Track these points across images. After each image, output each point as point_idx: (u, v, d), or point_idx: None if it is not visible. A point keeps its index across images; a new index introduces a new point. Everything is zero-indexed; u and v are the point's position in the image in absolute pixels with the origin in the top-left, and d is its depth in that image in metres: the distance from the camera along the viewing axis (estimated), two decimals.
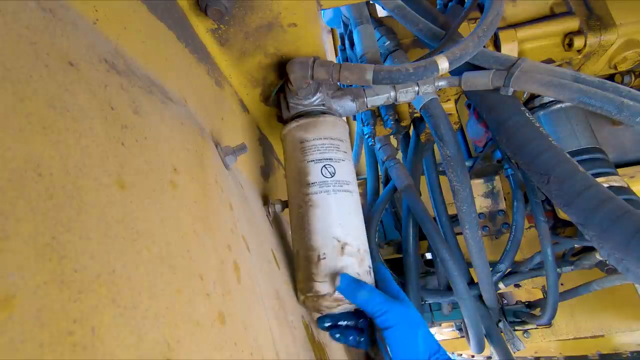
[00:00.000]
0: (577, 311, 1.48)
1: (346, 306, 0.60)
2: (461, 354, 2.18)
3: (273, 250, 0.66)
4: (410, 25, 0.81)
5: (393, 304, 0.55)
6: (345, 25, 1.04)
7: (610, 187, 0.85)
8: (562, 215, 1.13)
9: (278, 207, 0.70)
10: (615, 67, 0.99)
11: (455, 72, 0.72)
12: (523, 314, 1.38)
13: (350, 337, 0.63)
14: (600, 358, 1.58)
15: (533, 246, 1.27)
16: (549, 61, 0.94)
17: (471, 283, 1.11)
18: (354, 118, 1.25)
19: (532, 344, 1.61)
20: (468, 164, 1.32)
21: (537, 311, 1.36)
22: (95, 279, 0.25)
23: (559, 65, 0.95)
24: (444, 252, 0.96)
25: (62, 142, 0.26)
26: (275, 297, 0.56)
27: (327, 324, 0.65)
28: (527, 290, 1.56)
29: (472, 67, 0.72)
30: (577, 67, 0.99)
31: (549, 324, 1.48)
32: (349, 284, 0.57)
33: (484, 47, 0.69)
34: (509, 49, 0.91)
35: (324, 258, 0.59)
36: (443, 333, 2.04)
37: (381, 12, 0.98)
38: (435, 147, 1.13)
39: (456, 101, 0.97)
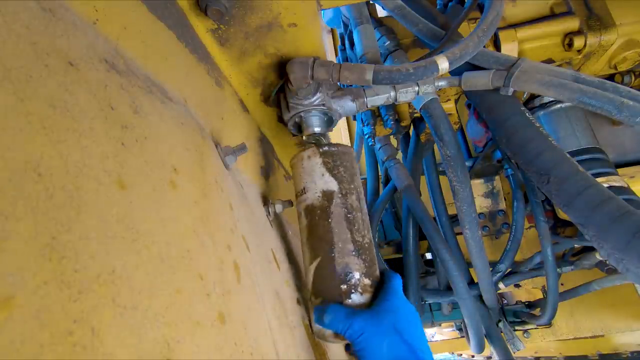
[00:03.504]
0: (577, 311, 1.48)
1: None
2: (461, 354, 2.18)
3: (273, 250, 0.66)
4: (410, 25, 0.81)
5: (356, 317, 0.53)
6: (345, 25, 1.04)
7: (610, 187, 0.85)
8: (562, 215, 1.13)
9: (279, 206, 0.70)
10: (615, 67, 0.99)
11: (455, 72, 0.72)
12: (523, 314, 1.38)
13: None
14: (600, 358, 1.58)
15: (533, 246, 1.27)
16: (549, 61, 0.95)
17: (471, 283, 1.11)
18: (354, 118, 1.26)
19: (532, 344, 1.61)
20: (468, 164, 1.32)
21: (537, 311, 1.36)
22: (95, 279, 0.25)
23: (559, 65, 0.95)
24: (444, 252, 0.96)
25: (62, 142, 0.26)
26: (275, 297, 0.56)
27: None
28: (527, 290, 1.56)
29: (472, 67, 0.72)
30: (577, 67, 0.99)
31: (549, 324, 1.48)
32: (316, 311, 0.56)
33: (484, 47, 0.69)
34: (509, 49, 0.91)
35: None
36: (443, 333, 2.04)
37: (381, 12, 0.98)
38: (435, 147, 1.13)
39: (456, 101, 0.97)
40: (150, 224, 0.32)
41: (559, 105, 1.03)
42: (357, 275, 0.57)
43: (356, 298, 0.56)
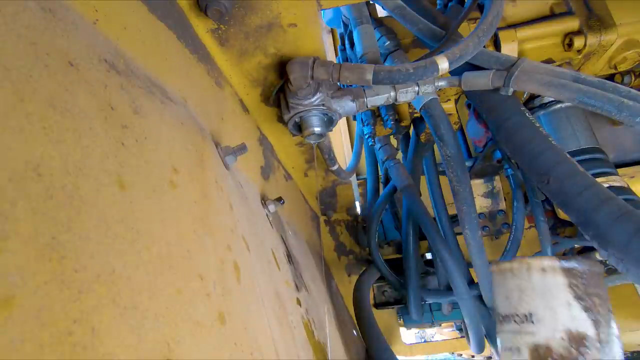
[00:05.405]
0: None
1: None
2: (461, 354, 2.18)
3: (273, 250, 0.66)
4: (410, 25, 0.81)
5: None
6: (345, 25, 1.04)
7: (610, 187, 0.85)
8: (562, 215, 1.13)
9: (272, 207, 0.70)
10: (615, 67, 0.99)
11: (455, 72, 0.72)
12: None
13: None
14: None
15: (533, 246, 1.27)
16: (549, 61, 0.94)
17: (471, 283, 1.11)
18: (354, 118, 1.25)
19: None
20: (468, 164, 1.32)
21: None
22: (95, 279, 0.25)
23: (559, 65, 0.95)
24: (444, 252, 0.96)
25: (62, 142, 0.26)
26: (275, 297, 0.56)
27: None
28: None
29: (472, 67, 0.72)
30: (577, 67, 0.99)
31: None
32: None
33: (484, 47, 0.69)
34: (509, 49, 0.91)
35: None
36: (443, 333, 2.04)
37: (381, 12, 0.98)
38: (435, 147, 1.13)
39: (456, 101, 0.97)
40: (150, 224, 0.32)
41: (559, 105, 1.03)
42: None
43: None
